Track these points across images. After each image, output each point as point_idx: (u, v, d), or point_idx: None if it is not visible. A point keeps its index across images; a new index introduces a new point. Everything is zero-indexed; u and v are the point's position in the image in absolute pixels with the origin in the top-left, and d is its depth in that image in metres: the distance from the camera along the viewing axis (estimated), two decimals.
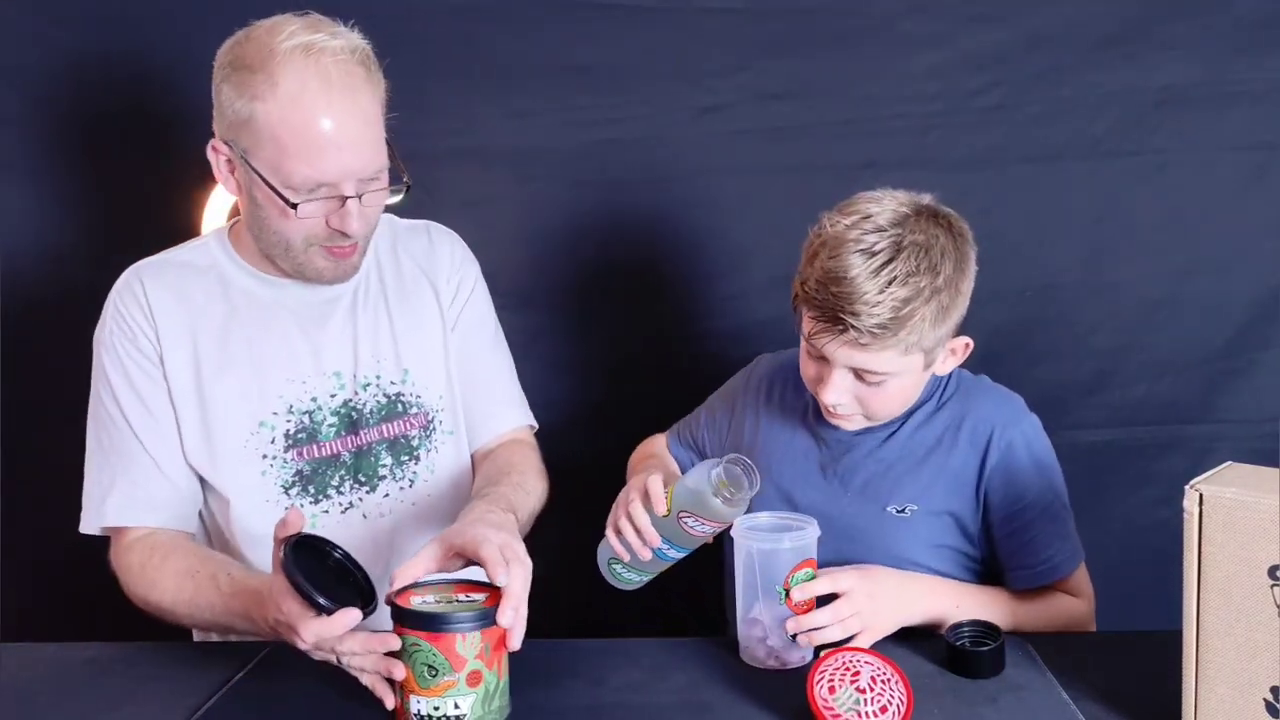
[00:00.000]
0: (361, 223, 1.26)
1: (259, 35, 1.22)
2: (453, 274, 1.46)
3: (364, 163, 1.24)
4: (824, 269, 1.22)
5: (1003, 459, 1.31)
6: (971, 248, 1.29)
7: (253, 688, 1.16)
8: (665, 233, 1.86)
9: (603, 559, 1.29)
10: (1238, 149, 1.79)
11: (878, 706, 1.01)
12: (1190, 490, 0.93)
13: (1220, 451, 1.81)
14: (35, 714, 1.11)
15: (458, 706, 1.01)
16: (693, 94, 1.82)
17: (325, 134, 1.20)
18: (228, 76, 1.23)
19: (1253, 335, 1.83)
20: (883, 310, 1.19)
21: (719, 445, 1.49)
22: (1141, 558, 1.82)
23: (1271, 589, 0.90)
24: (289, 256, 1.30)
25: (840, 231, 1.23)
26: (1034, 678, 1.13)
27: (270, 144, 1.21)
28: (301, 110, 1.19)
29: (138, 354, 1.33)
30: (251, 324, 1.35)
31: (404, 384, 1.39)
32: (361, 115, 1.23)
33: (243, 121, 1.21)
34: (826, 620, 1.17)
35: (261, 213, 1.27)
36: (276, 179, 1.22)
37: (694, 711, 1.08)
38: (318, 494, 1.35)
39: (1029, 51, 1.79)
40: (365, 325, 1.39)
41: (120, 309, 1.34)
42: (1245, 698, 0.93)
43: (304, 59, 1.19)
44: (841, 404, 1.28)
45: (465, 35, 1.80)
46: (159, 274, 1.36)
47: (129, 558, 1.31)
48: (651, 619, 1.58)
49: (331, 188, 1.23)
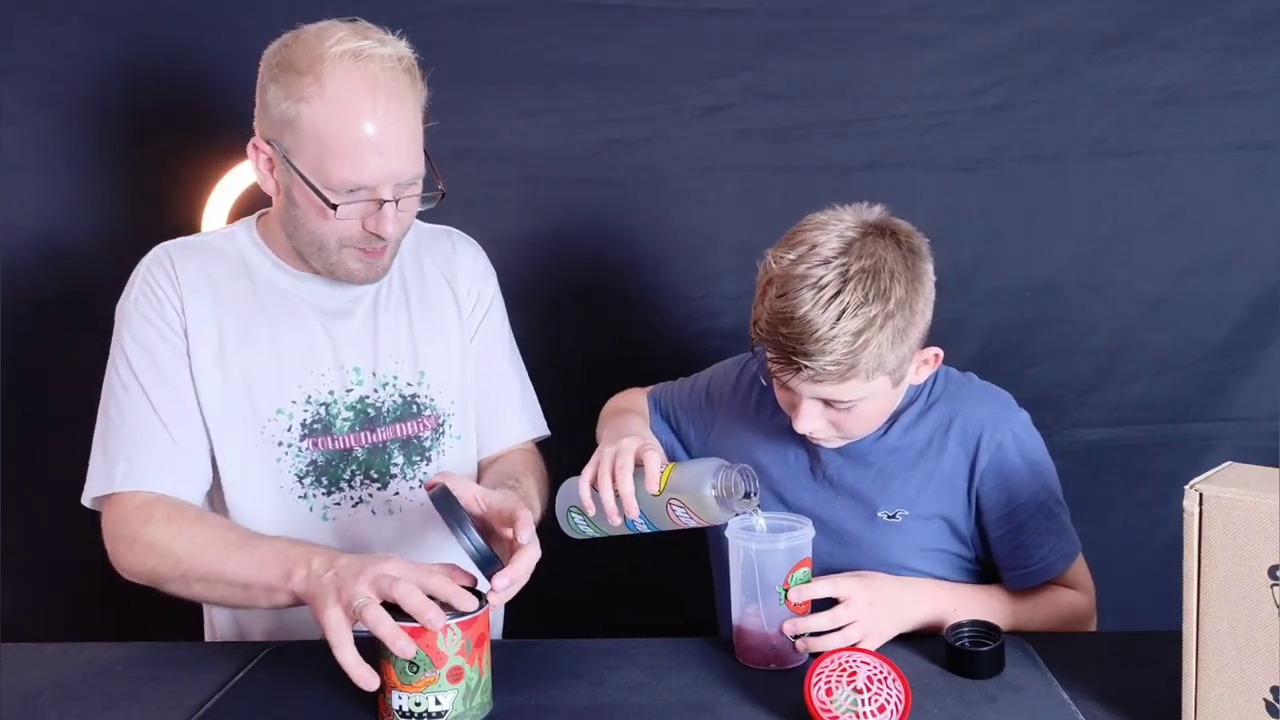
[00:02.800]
0: (396, 226, 1.28)
1: (307, 38, 1.24)
2: (474, 284, 1.48)
3: (403, 167, 1.26)
4: (773, 309, 1.20)
5: (993, 460, 1.30)
6: (925, 260, 1.25)
7: (253, 688, 1.16)
8: (666, 233, 1.86)
9: (564, 502, 1.26)
10: (1238, 149, 1.79)
11: (875, 706, 1.01)
12: (1190, 490, 0.93)
13: (1220, 450, 1.81)
14: (35, 714, 1.11)
15: (439, 702, 1.02)
16: (694, 94, 1.82)
17: (369, 138, 1.22)
18: (275, 77, 1.24)
19: (1252, 334, 1.83)
20: (837, 346, 1.16)
21: (702, 436, 1.48)
22: (1141, 557, 1.83)
23: (1271, 589, 0.90)
24: (321, 256, 1.32)
25: (786, 268, 1.20)
26: (1034, 678, 1.13)
27: (314, 145, 1.23)
28: (347, 114, 1.21)
29: (162, 323, 1.32)
30: (274, 310, 1.36)
31: (420, 385, 1.40)
32: (404, 122, 1.25)
33: (288, 122, 1.23)
34: (825, 625, 1.17)
35: (298, 212, 1.28)
36: (317, 180, 1.24)
37: (694, 711, 1.08)
38: (330, 486, 1.36)
39: (1029, 51, 1.79)
40: (386, 325, 1.40)
41: (149, 279, 1.34)
42: (1245, 698, 0.93)
43: (352, 64, 1.21)
44: (816, 429, 1.27)
45: (467, 35, 1.80)
46: (188, 252, 1.37)
47: (150, 510, 1.26)
48: (651, 619, 1.58)
49: (370, 191, 1.25)
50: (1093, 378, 1.85)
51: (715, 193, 1.84)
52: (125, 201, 1.82)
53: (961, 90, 1.80)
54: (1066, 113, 1.80)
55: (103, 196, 1.82)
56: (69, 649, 1.27)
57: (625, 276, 1.87)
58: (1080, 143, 1.81)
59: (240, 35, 1.75)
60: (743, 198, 1.84)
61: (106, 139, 1.81)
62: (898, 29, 1.80)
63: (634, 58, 1.81)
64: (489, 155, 1.82)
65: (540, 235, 1.86)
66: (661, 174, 1.84)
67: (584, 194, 1.85)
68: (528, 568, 1.08)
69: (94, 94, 1.80)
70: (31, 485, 1.68)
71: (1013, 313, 1.83)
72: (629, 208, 1.86)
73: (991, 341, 1.82)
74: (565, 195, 1.85)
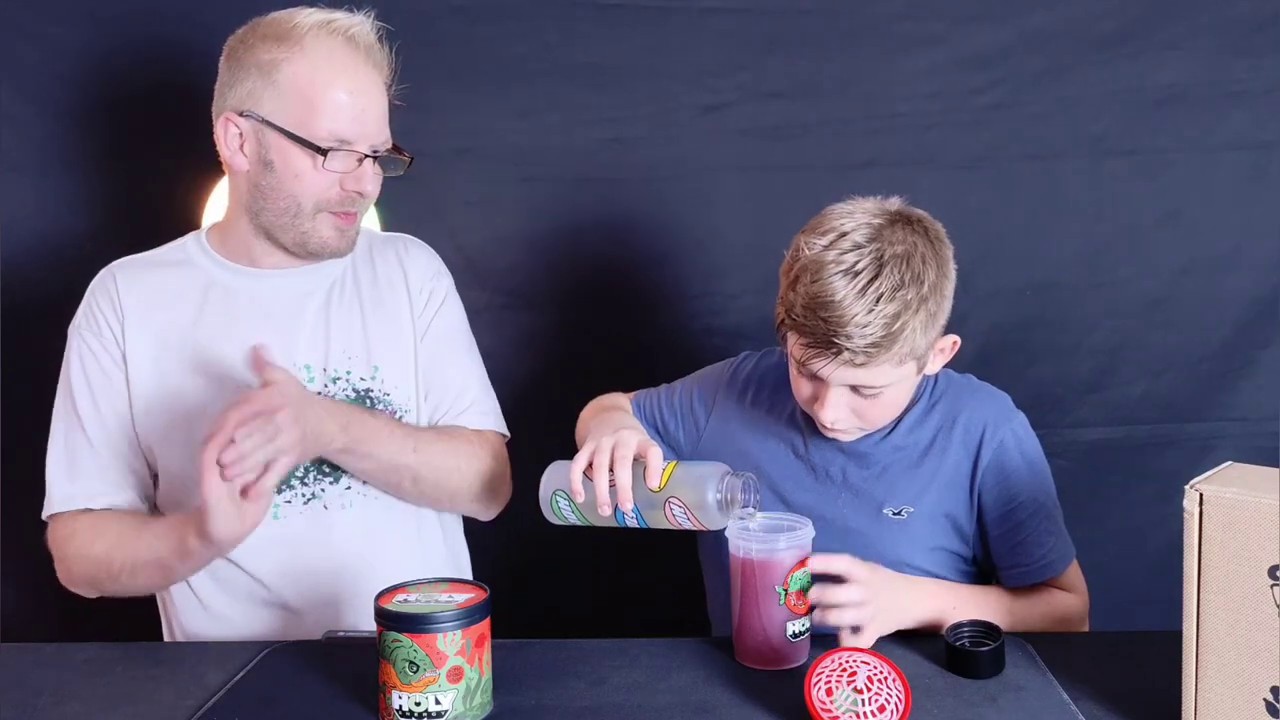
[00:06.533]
0: (373, 185, 1.34)
1: (276, 16, 1.32)
2: (425, 283, 1.48)
3: (378, 127, 1.34)
4: (808, 294, 1.21)
5: (995, 458, 1.32)
6: (948, 247, 1.28)
7: (253, 688, 1.16)
8: (666, 231, 1.86)
9: (550, 485, 1.25)
10: (1238, 149, 1.79)
11: (875, 706, 1.01)
12: (1190, 490, 0.93)
13: (1219, 450, 1.81)
14: (35, 714, 1.11)
15: (439, 702, 1.02)
16: (694, 93, 1.82)
17: (350, 92, 1.30)
18: (250, 48, 1.31)
19: (1252, 334, 1.83)
20: (874, 329, 1.18)
21: (693, 439, 1.47)
22: (1141, 557, 1.83)
23: (1271, 589, 0.90)
24: (295, 225, 1.35)
25: (818, 254, 1.22)
26: (1034, 678, 1.13)
27: (296, 101, 1.29)
28: (333, 68, 1.29)
29: (99, 348, 1.37)
30: (220, 318, 1.38)
31: (374, 380, 1.41)
32: (378, 84, 1.33)
33: (265, 86, 1.29)
34: (844, 599, 1.16)
35: (275, 179, 1.32)
36: (303, 133, 1.29)
37: (694, 711, 1.08)
38: (281, 484, 1.35)
39: (1029, 51, 1.79)
40: (338, 322, 1.41)
41: (91, 303, 1.40)
42: (1245, 698, 0.93)
43: (329, 29, 1.30)
44: (840, 419, 1.28)
45: (467, 35, 1.80)
46: (132, 272, 1.41)
47: (73, 525, 1.36)
48: (651, 619, 1.58)
49: (350, 145, 1.31)
50: (1093, 377, 1.85)
51: (715, 192, 1.84)
52: (125, 202, 1.82)
53: (961, 89, 1.80)
54: (1066, 112, 1.80)
55: (102, 197, 1.83)
56: (69, 649, 1.27)
57: (625, 275, 1.87)
58: (1080, 142, 1.81)
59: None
60: (742, 197, 1.84)
61: (106, 139, 1.81)
62: (897, 28, 1.80)
63: (634, 57, 1.81)
64: (488, 154, 1.82)
65: (539, 234, 1.86)
66: (661, 173, 1.84)
67: (583, 193, 1.85)
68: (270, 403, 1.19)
69: (94, 94, 1.80)
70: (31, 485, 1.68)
71: (1013, 312, 1.83)
72: (628, 207, 1.86)
73: (991, 340, 1.82)
74: (565, 194, 1.85)
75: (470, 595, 1.06)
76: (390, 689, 1.03)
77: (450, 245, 1.55)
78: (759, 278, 1.83)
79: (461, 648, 1.02)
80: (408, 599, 1.06)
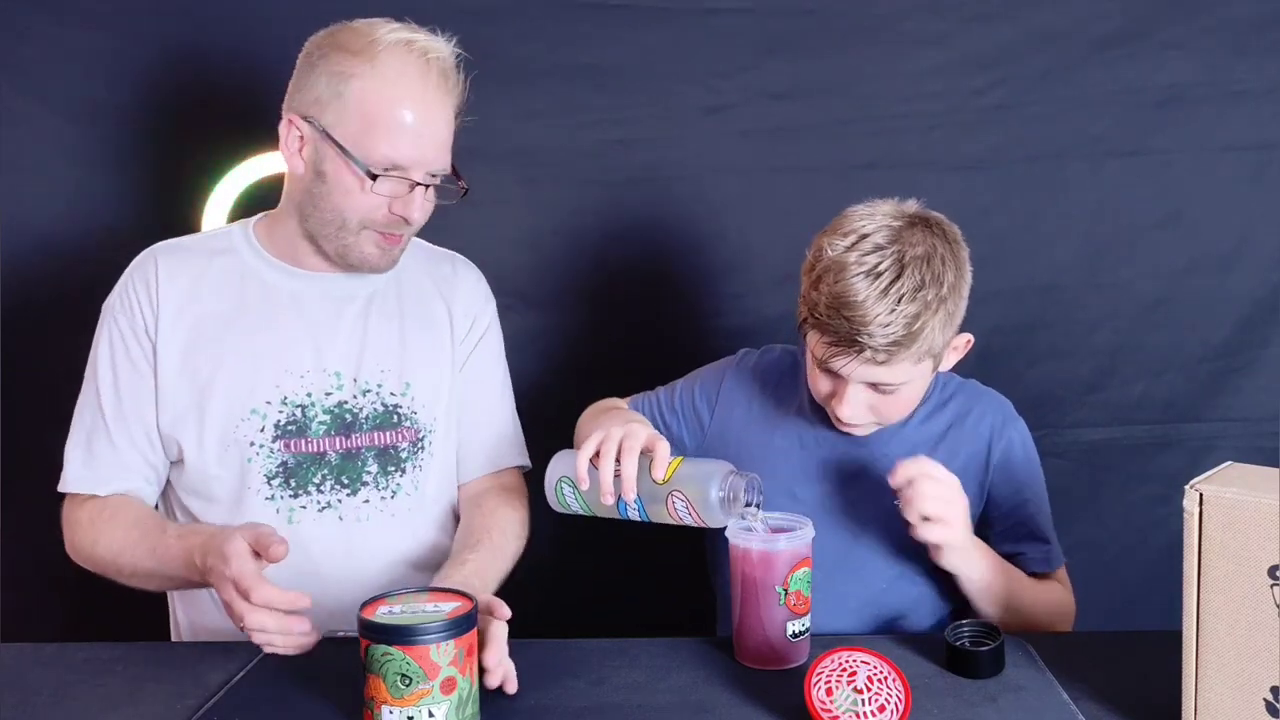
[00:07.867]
0: (422, 213, 1.33)
1: (359, 26, 1.31)
2: (471, 307, 1.48)
3: (436, 156, 1.32)
4: (831, 294, 1.23)
5: (1005, 453, 1.37)
6: (964, 249, 1.30)
7: (253, 688, 1.16)
8: (669, 232, 1.86)
9: (556, 472, 1.25)
10: (1238, 149, 1.79)
11: (875, 706, 1.01)
12: (1190, 490, 0.94)
13: (1220, 450, 1.81)
14: (35, 714, 1.11)
15: (432, 714, 1.00)
16: (697, 94, 1.82)
17: (412, 121, 1.28)
18: (325, 55, 1.29)
19: (1252, 334, 1.83)
20: (896, 328, 1.21)
21: (696, 437, 1.47)
22: (1141, 557, 1.83)
23: (1271, 589, 0.90)
24: (339, 237, 1.34)
25: (840, 255, 1.24)
26: (1034, 678, 1.13)
27: (358, 119, 1.28)
28: (397, 93, 1.28)
29: (129, 331, 1.36)
30: (259, 310, 1.37)
31: (404, 396, 1.40)
32: (444, 113, 1.32)
33: (332, 96, 1.28)
34: (930, 491, 1.20)
35: (326, 189, 1.31)
36: (357, 153, 1.28)
37: (694, 711, 1.08)
38: (298, 489, 1.36)
39: (1030, 51, 1.79)
40: (375, 332, 1.41)
41: (128, 284, 1.38)
42: (1245, 698, 0.93)
43: (406, 50, 1.29)
44: (857, 415, 1.30)
45: (470, 36, 1.78)
46: (174, 255, 1.40)
47: (79, 514, 1.36)
48: (651, 619, 1.58)
49: (403, 172, 1.29)
50: (1093, 378, 1.85)
51: (717, 192, 1.84)
52: (125, 201, 1.82)
53: (963, 90, 1.80)
54: (1067, 113, 1.80)
55: (102, 196, 1.82)
56: (69, 649, 1.27)
57: (627, 276, 1.87)
58: (1081, 143, 1.81)
59: (241, 35, 1.76)
60: (745, 197, 1.84)
61: (106, 139, 1.81)
62: (899, 29, 1.80)
63: (636, 58, 1.81)
64: (492, 155, 1.82)
65: (543, 235, 1.85)
66: (664, 174, 1.84)
67: (586, 194, 1.85)
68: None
69: (94, 94, 1.80)
70: (31, 485, 1.68)
71: (1013, 312, 1.83)
72: (631, 207, 1.86)
73: (992, 341, 1.81)
74: (568, 195, 1.85)
75: (457, 604, 1.04)
76: (379, 704, 1.00)
77: (452, 245, 1.55)
78: (761, 278, 1.83)
79: (454, 658, 1.00)
80: (392, 610, 1.03)
